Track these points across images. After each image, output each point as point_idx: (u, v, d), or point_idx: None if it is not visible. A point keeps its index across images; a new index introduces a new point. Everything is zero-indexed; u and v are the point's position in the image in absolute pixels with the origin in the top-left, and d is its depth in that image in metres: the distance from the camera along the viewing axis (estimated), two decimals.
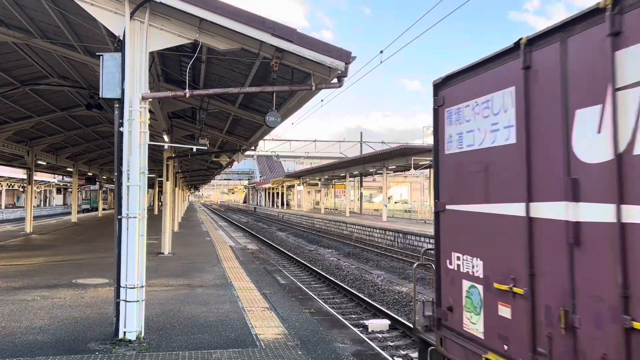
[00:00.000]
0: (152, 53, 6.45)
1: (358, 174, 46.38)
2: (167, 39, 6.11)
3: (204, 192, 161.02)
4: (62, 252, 14.97)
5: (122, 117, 5.97)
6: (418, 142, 63.33)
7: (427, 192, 57.11)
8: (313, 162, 75.54)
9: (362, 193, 52.95)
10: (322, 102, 39.20)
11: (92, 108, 14.10)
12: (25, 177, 22.70)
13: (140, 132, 5.98)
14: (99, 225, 27.93)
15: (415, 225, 27.62)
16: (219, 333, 6.39)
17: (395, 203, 65.61)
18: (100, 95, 6.06)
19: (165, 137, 13.21)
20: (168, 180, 15.95)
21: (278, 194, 72.33)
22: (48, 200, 75.19)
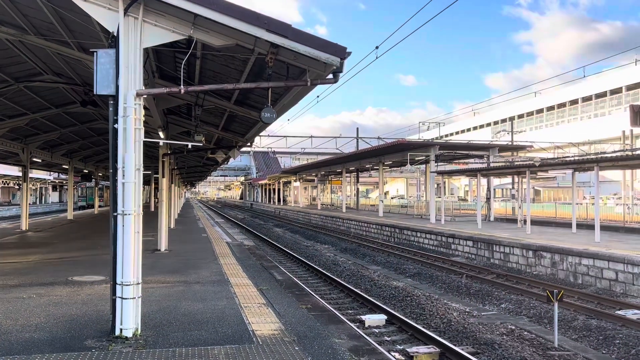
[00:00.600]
0: (146, 49, 6.43)
1: (354, 170, 46.40)
2: (161, 35, 6.08)
3: (201, 188, 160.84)
4: (58, 249, 14.93)
5: (116, 113, 5.95)
6: (414, 137, 63.41)
7: (422, 187, 57.18)
8: (309, 158, 75.58)
9: (358, 189, 52.96)
10: (318, 98, 39.22)
11: (87, 105, 14.06)
12: (21, 174, 22.59)
13: (135, 128, 5.96)
14: (95, 223, 27.87)
15: (412, 220, 27.66)
16: (216, 329, 6.40)
17: (392, 198, 65.61)
18: (95, 92, 6.03)
19: (161, 133, 13.17)
20: (164, 177, 15.92)
21: (274, 190, 72.27)
22: (44, 198, 75.01)
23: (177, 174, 29.65)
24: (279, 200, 68.88)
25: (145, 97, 6.33)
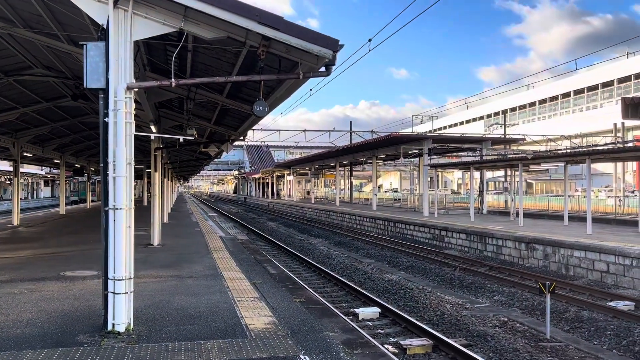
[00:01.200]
0: (137, 42, 6.35)
1: (348, 163, 46.40)
2: (151, 28, 6.01)
3: (194, 182, 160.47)
4: (49, 244, 14.84)
5: (107, 107, 5.89)
6: (407, 130, 63.47)
7: (416, 180, 57.30)
8: (303, 151, 75.44)
9: (352, 182, 53.01)
10: (310, 91, 39.10)
11: (78, 99, 13.92)
12: (12, 169, 22.39)
13: (126, 122, 5.90)
14: (87, 217, 27.74)
15: (405, 214, 27.71)
16: (209, 324, 6.38)
17: (385, 192, 65.77)
18: (85, 85, 5.97)
19: (153, 127, 13.08)
20: (156, 171, 15.84)
21: (268, 184, 72.18)
22: (35, 192, 74.52)
23: (169, 168, 29.52)
24: (273, 194, 68.81)
25: (136, 90, 6.28)
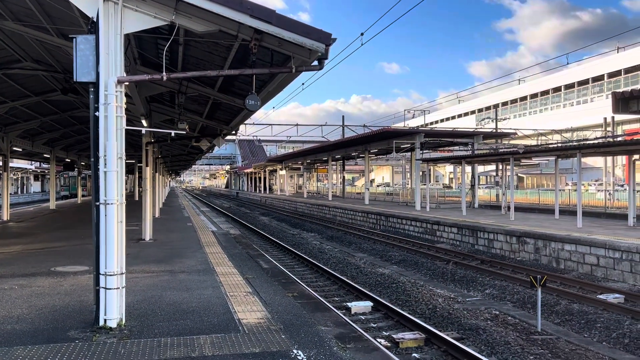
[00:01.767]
0: (127, 35, 6.28)
1: (340, 158, 46.40)
2: (142, 21, 5.95)
3: (185, 177, 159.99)
4: (40, 239, 14.73)
5: (97, 101, 5.83)
6: (399, 125, 63.56)
7: (408, 174, 57.44)
8: (295, 146, 75.41)
9: (344, 176, 53.06)
10: (303, 85, 38.99)
11: (67, 92, 13.77)
12: (1, 164, 22.19)
13: (117, 116, 5.85)
14: (78, 212, 27.55)
15: (397, 208, 27.78)
16: (202, 318, 6.37)
17: (378, 186, 65.93)
18: (75, 79, 5.90)
19: (144, 121, 13.00)
20: (148, 166, 15.75)
21: (260, 179, 72.06)
22: (25, 187, 73.92)
23: (161, 163, 29.36)
24: (265, 189, 68.73)
25: (127, 84, 6.22)
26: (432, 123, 77.77)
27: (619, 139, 27.02)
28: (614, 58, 50.67)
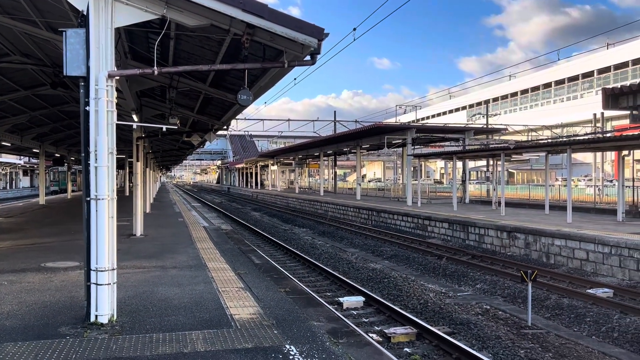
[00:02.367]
0: (118, 29, 6.22)
1: (332, 153, 46.40)
2: (133, 15, 5.89)
3: (176, 172, 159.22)
4: (30, 235, 14.61)
5: (87, 95, 5.77)
6: (391, 120, 63.59)
7: (399, 170, 57.57)
8: (287, 141, 75.25)
9: (336, 172, 53.08)
10: (295, 80, 38.93)
11: (57, 87, 13.66)
12: None
13: (107, 111, 5.80)
14: (68, 207, 27.35)
15: (389, 203, 27.85)
16: (193, 314, 6.35)
17: (369, 182, 66.01)
18: (64, 73, 5.83)
19: (134, 116, 12.90)
20: (138, 161, 15.64)
21: (252, 174, 71.85)
22: (14, 183, 73.25)
23: (152, 158, 29.21)
24: (257, 184, 68.59)
25: (118, 78, 6.16)
26: (423, 119, 77.94)
27: (609, 135, 27.24)
28: (604, 54, 51.04)
